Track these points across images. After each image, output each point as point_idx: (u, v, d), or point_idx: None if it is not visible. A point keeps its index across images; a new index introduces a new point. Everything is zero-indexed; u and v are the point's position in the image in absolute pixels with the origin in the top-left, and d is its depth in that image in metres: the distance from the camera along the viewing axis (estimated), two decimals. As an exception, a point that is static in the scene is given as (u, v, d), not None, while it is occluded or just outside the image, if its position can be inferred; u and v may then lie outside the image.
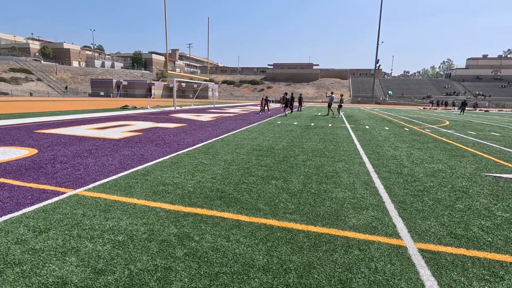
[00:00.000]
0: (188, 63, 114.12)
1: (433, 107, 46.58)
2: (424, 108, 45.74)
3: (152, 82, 63.52)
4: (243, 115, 18.77)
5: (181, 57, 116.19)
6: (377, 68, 60.86)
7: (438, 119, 20.88)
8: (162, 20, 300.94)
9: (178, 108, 22.72)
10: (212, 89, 72.61)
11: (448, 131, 12.64)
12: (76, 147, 6.68)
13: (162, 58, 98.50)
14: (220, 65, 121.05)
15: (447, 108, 48.20)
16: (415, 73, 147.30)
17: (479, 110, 44.17)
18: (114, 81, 59.27)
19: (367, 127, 13.23)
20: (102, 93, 56.86)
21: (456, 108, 49.15)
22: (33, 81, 59.81)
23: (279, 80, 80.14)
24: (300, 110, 21.10)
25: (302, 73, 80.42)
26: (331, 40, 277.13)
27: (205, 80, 31.09)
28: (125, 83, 59.98)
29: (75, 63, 77.15)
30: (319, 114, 22.18)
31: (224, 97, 73.01)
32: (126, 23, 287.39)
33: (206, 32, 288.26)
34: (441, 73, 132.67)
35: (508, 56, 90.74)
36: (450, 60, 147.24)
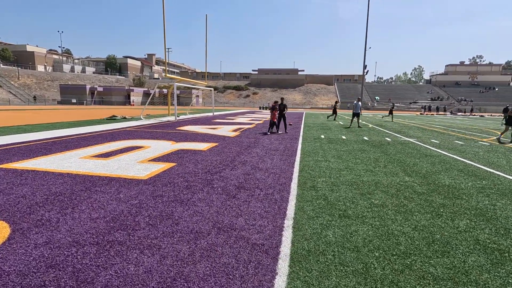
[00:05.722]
0: (166, 68, 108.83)
1: (431, 113, 46.54)
2: (421, 113, 45.40)
3: (131, 88, 58.52)
4: (260, 126, 15.85)
5: (158, 62, 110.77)
6: (365, 74, 60.46)
7: (473, 127, 19.25)
8: (135, 22, 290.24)
9: (178, 118, 19.27)
10: (197, 96, 68.66)
11: (531, 144, 10.57)
12: (87, 208, 3.43)
13: (138, 63, 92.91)
14: (198, 70, 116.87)
15: (439, 113, 48.35)
16: (388, 79, 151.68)
17: (473, 115, 44.52)
18: (88, 87, 53.50)
19: (434, 141, 10.85)
20: (74, 101, 50.87)
21: (449, 113, 49.56)
22: (-10, 87, 52.55)
23: (264, 86, 77.77)
24: (286, 131, 12.79)
25: (288, 79, 78.71)
26: (314, 45, 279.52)
27: (205, 86, 27.69)
28: (100, 89, 54.38)
29: (40, 68, 69.79)
30: (342, 123, 19.76)
31: (208, 103, 69.31)
32: (96, 25, 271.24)
33: (183, 37, 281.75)
34: (412, 79, 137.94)
35: (479, 62, 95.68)
36: (421, 66, 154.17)
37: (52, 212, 3.36)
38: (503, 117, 29.18)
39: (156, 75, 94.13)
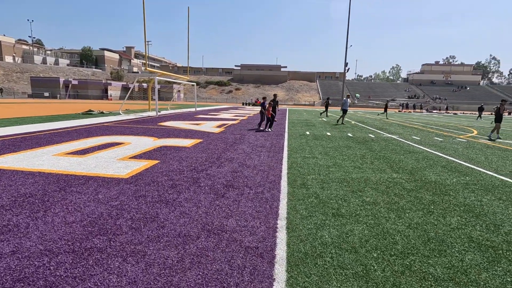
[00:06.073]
0: (147, 62, 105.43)
1: (408, 110, 48.31)
2: (399, 111, 46.91)
3: (108, 82, 56.22)
4: (244, 122, 15.63)
5: (137, 55, 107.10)
6: (346, 71, 61.51)
7: (449, 124, 20.01)
8: (113, 13, 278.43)
9: (159, 113, 18.61)
10: (179, 91, 67.01)
11: None
12: (61, 211, 3.12)
13: (116, 55, 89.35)
14: (180, 65, 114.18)
15: (415, 111, 50.22)
16: (367, 77, 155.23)
17: (447, 112, 46.51)
18: (62, 80, 50.71)
19: (415, 137, 11.13)
20: (46, 94, 48.08)
21: (425, 111, 51.61)
22: (-49, 78, 48.62)
23: (247, 82, 77.29)
24: (270, 128, 11.69)
25: (271, 75, 78.64)
26: (297, 42, 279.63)
27: (187, 80, 26.95)
28: (75, 82, 51.71)
29: (8, 58, 65.38)
30: (324, 119, 19.92)
31: (190, 99, 67.99)
32: (70, 14, 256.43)
33: (164, 31, 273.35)
34: (391, 77, 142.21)
35: (452, 62, 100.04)
36: (398, 65, 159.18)
37: (21, 216, 3.02)
38: (477, 115, 30.71)
39: (135, 69, 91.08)
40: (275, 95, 12.64)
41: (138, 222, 2.99)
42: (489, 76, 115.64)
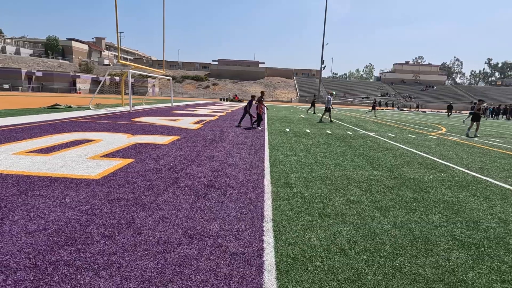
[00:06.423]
0: (119, 54, 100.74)
1: (381, 108, 50.24)
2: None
3: (77, 74, 53.08)
4: (223, 118, 15.34)
5: (109, 47, 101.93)
6: (322, 69, 62.67)
7: (420, 121, 20.93)
8: (80, 0, 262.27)
9: (133, 108, 17.74)
10: (154, 85, 64.72)
11: (495, 141, 11.75)
12: (21, 218, 2.76)
13: (85, 46, 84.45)
14: (154, 58, 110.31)
15: (388, 108, 52.32)
16: (342, 75, 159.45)
17: (416, 110, 48.91)
18: (24, 71, 47.09)
19: (390, 134, 11.48)
20: (6, 86, 44.41)
21: (396, 108, 53.92)
22: None
23: (224, 77, 76.32)
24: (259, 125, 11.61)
25: (248, 71, 78.17)
26: (275, 38, 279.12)
27: (163, 74, 25.94)
28: (39, 74, 48.23)
29: (-39, 46, 59.68)
30: (304, 116, 20.07)
31: (165, 93, 65.98)
32: (33, 1, 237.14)
33: (137, 23, 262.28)
34: (364, 76, 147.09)
35: (421, 62, 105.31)
36: (371, 64, 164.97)
37: (-28, 225, 2.64)
38: (447, 113, 32.47)
39: (106, 61, 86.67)
40: (262, 92, 12.82)
41: (111, 228, 2.72)
42: (453, 76, 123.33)
